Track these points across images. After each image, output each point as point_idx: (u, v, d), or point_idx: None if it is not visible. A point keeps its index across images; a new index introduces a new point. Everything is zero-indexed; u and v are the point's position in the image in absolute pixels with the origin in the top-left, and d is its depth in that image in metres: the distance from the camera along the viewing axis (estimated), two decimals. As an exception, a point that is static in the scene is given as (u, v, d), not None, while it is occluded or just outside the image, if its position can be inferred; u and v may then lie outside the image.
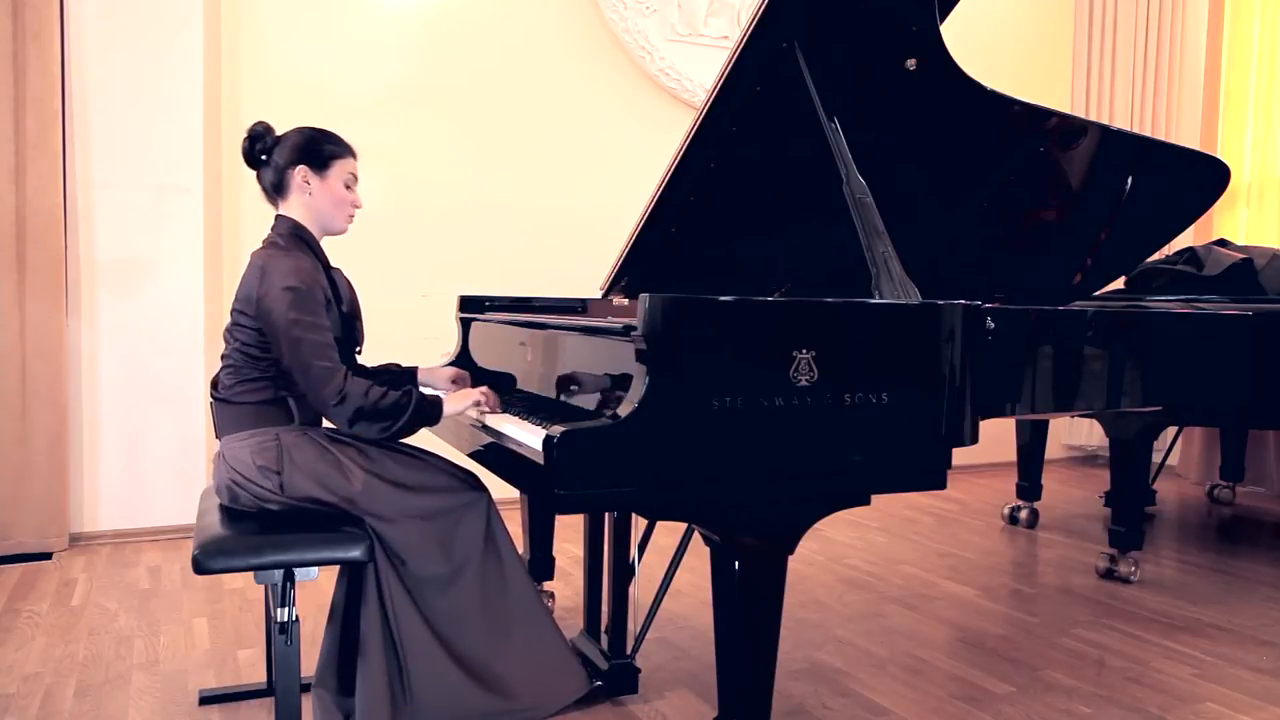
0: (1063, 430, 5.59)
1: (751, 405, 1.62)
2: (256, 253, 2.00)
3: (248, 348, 1.96)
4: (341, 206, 2.07)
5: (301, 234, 2.04)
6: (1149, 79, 5.25)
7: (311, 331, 1.88)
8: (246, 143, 2.04)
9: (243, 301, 1.97)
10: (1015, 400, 2.31)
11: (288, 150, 2.03)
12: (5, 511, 3.41)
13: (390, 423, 1.90)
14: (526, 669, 2.00)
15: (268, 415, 1.97)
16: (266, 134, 2.05)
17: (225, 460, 1.97)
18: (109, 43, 3.56)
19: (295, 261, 1.94)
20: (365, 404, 1.87)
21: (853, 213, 2.05)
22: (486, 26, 4.20)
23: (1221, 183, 2.93)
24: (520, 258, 4.21)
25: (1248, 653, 2.61)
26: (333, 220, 2.08)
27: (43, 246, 3.42)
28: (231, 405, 1.98)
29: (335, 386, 1.86)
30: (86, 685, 2.32)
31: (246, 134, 2.04)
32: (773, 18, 2.04)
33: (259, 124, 2.05)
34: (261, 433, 1.95)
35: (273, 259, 1.94)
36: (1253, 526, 4.18)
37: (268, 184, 2.07)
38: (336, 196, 2.06)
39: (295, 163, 2.02)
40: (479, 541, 1.98)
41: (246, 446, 1.94)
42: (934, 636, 2.72)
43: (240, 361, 1.98)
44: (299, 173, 2.02)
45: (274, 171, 2.04)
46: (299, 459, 1.91)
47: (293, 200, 2.05)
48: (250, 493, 1.94)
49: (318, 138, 2.06)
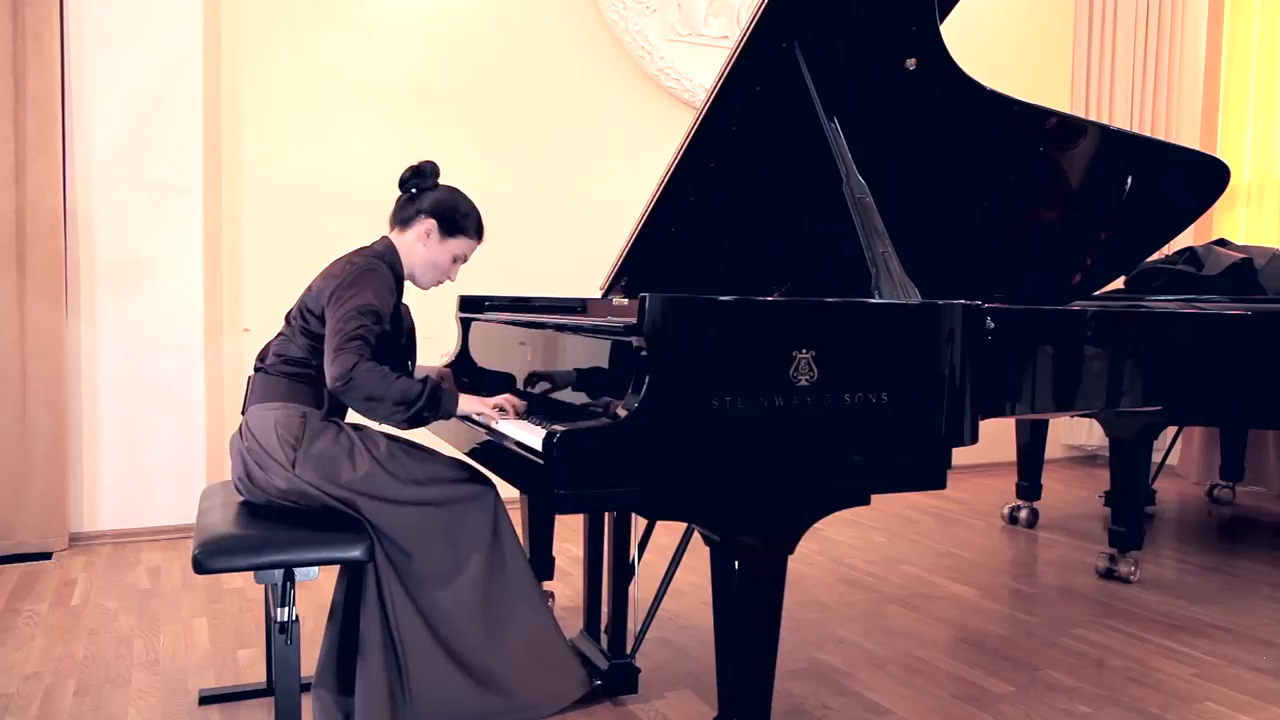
0: (1063, 430, 5.59)
1: (751, 405, 1.63)
2: (346, 257, 2.08)
3: (304, 338, 2.02)
4: (436, 271, 2.18)
5: (394, 262, 2.12)
6: (1149, 79, 5.25)
7: (364, 322, 1.91)
8: (409, 171, 2.16)
9: (318, 290, 2.02)
10: (1015, 400, 2.31)
11: (432, 200, 2.14)
12: (5, 511, 3.41)
13: (405, 407, 1.88)
14: (526, 669, 2.00)
15: (301, 393, 2.01)
16: (431, 175, 2.17)
17: (247, 428, 2.00)
18: (109, 43, 3.56)
19: (375, 275, 2.01)
20: (380, 387, 1.85)
21: (852, 212, 2.05)
22: (486, 26, 4.20)
23: (1221, 183, 2.93)
24: (520, 257, 4.20)
25: (1248, 653, 2.61)
26: (423, 277, 2.18)
27: (43, 246, 3.42)
28: (271, 376, 2.03)
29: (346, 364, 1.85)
30: (86, 685, 2.32)
31: (416, 165, 2.16)
32: (772, 18, 2.04)
33: (429, 163, 2.17)
34: (290, 406, 1.99)
35: (361, 271, 2.00)
36: (1253, 526, 4.18)
37: (399, 214, 2.17)
38: (441, 262, 2.17)
39: (431, 214, 2.13)
40: (485, 535, 1.99)
41: (272, 414, 1.98)
42: (934, 636, 2.72)
43: (299, 339, 2.03)
44: (428, 224, 2.13)
45: (411, 209, 2.14)
46: (316, 440, 1.95)
47: (408, 238, 2.15)
48: (264, 467, 1.95)
49: (461, 209, 2.16)
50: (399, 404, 1.87)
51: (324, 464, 1.92)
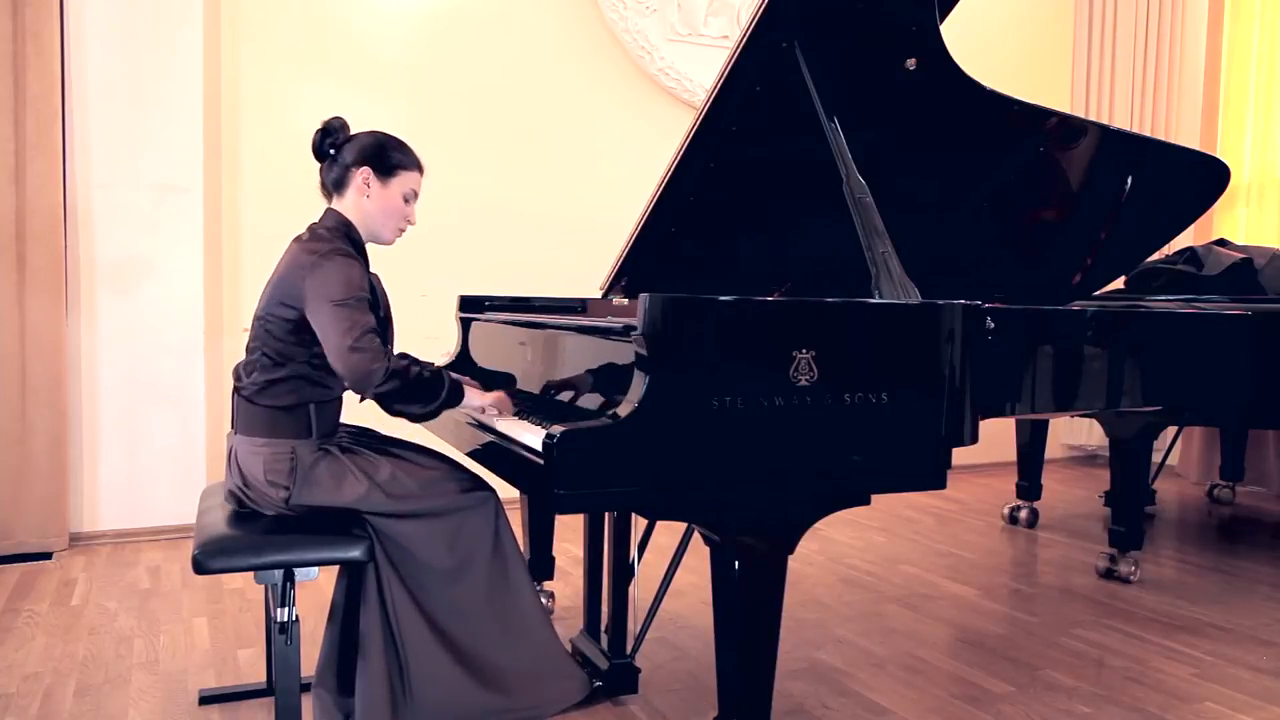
0: (1063, 430, 5.59)
1: (751, 405, 1.62)
2: (302, 244, 1.96)
3: (277, 341, 1.92)
4: (393, 217, 2.04)
5: (350, 232, 2.00)
6: (1149, 79, 5.25)
7: (358, 313, 1.85)
8: (318, 135, 2.02)
9: (280, 289, 1.92)
10: (1015, 400, 2.31)
11: (356, 149, 2.01)
12: (5, 511, 3.41)
13: (426, 402, 1.89)
14: (527, 670, 2.00)
15: (286, 425, 1.93)
16: (340, 130, 2.03)
17: (237, 462, 1.97)
18: (109, 43, 3.56)
19: (346, 265, 1.89)
20: (406, 381, 1.85)
21: (852, 212, 2.05)
22: (487, 27, 4.20)
23: (1221, 183, 2.93)
24: (520, 257, 4.21)
25: (1248, 653, 2.61)
26: (382, 229, 2.05)
27: (43, 246, 3.42)
28: (252, 406, 1.94)
29: (381, 366, 1.82)
30: (86, 685, 2.32)
31: (320, 126, 2.02)
32: (772, 17, 2.04)
33: (335, 119, 2.03)
34: (277, 444, 1.92)
35: (324, 257, 1.89)
36: (1253, 526, 4.18)
37: (329, 180, 2.04)
38: (392, 206, 2.03)
39: (360, 163, 2.00)
40: (485, 540, 1.98)
41: (260, 457, 1.92)
42: (934, 636, 2.72)
43: (268, 356, 1.93)
44: (361, 174, 2.00)
45: (338, 168, 2.02)
46: (310, 475, 1.91)
47: (349, 199, 2.02)
48: (254, 502, 1.96)
49: (388, 144, 2.04)
50: (422, 414, 1.92)
51: (324, 491, 1.91)
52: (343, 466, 1.92)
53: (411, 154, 2.07)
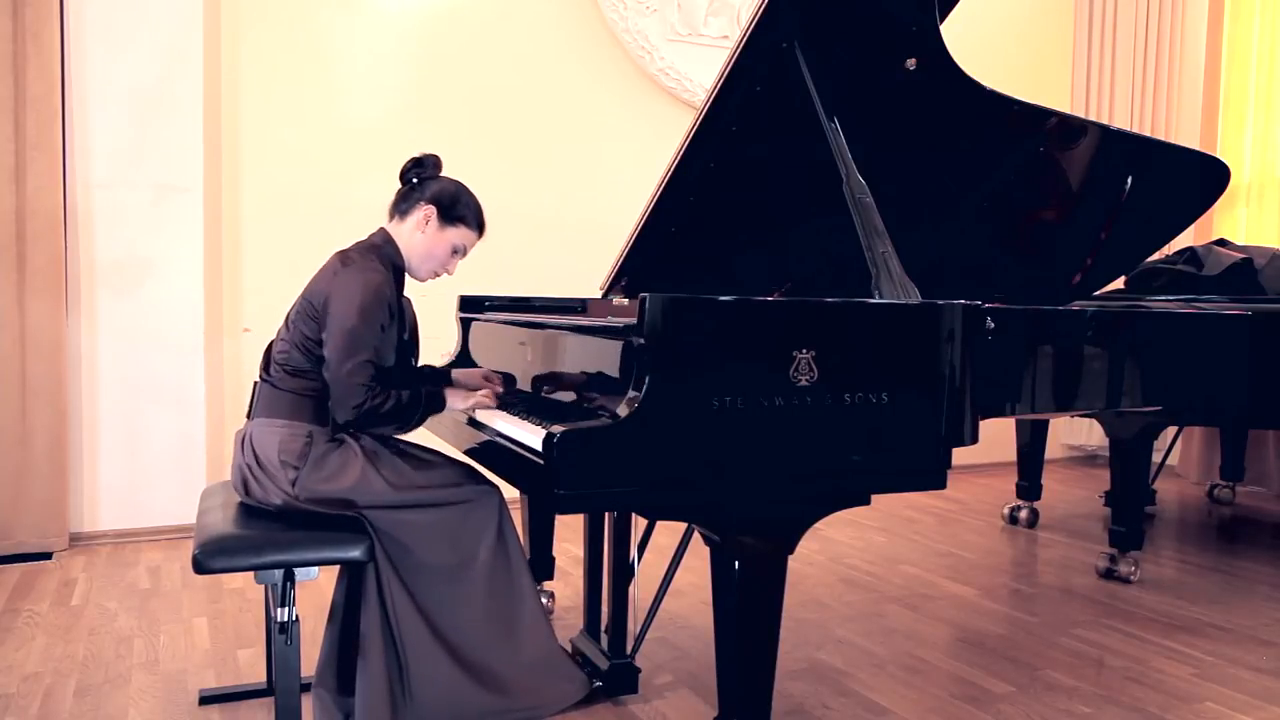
0: (1063, 430, 5.59)
1: (751, 405, 1.62)
2: (339, 254, 2.07)
3: (306, 340, 2.00)
4: (434, 260, 2.14)
5: (392, 254, 2.10)
6: (1149, 79, 5.25)
7: (363, 340, 1.93)
8: (410, 162, 2.14)
9: (313, 294, 2.01)
10: (1015, 400, 2.31)
11: (434, 188, 2.12)
12: (5, 511, 3.41)
13: (400, 425, 2.02)
14: (527, 671, 2.01)
15: (306, 410, 1.99)
16: (432, 166, 2.14)
17: (250, 442, 1.99)
18: (109, 42, 3.55)
19: (371, 275, 1.99)
20: (378, 415, 1.95)
21: (852, 212, 2.05)
22: (486, 26, 4.20)
23: (1221, 183, 2.93)
24: (520, 257, 4.20)
25: (1248, 653, 2.61)
26: (420, 266, 2.14)
27: (43, 246, 3.42)
28: (277, 391, 2.02)
29: (361, 401, 1.91)
30: (86, 685, 2.32)
31: (416, 156, 2.14)
32: (772, 18, 2.04)
33: (431, 155, 2.15)
34: (296, 425, 1.98)
35: (350, 268, 2.00)
36: (1253, 526, 4.18)
37: (398, 202, 2.15)
38: (439, 251, 2.13)
39: (431, 201, 2.10)
40: (488, 537, 1.99)
41: (276, 434, 1.96)
42: (934, 636, 2.72)
43: (296, 351, 2.01)
44: (426, 210, 2.10)
45: (412, 197, 2.12)
46: (321, 462, 1.94)
47: (406, 226, 2.12)
48: (262, 485, 1.96)
49: (462, 198, 2.14)
50: (397, 431, 2.04)
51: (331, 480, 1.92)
52: (352, 455, 1.96)
53: (479, 216, 2.17)
